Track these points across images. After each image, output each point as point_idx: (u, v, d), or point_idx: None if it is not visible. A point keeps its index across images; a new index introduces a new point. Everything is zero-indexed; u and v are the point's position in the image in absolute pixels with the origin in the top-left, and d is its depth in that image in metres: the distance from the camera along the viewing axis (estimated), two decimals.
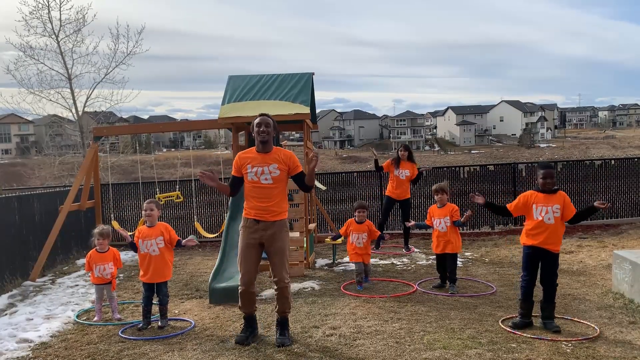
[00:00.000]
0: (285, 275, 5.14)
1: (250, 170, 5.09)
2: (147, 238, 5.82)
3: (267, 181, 5.07)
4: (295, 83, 9.06)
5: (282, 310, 5.21)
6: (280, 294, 5.17)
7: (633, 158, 12.90)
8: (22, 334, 5.72)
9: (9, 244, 8.27)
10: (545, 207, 5.36)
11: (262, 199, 5.09)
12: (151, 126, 13.02)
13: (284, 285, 5.14)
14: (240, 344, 5.14)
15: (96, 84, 17.38)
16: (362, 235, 7.29)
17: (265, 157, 5.10)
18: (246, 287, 5.17)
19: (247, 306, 5.27)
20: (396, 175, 9.59)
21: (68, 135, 21.72)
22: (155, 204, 5.93)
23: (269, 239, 5.13)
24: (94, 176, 10.03)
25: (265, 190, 5.08)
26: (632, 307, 6.01)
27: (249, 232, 5.15)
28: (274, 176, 5.07)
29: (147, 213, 5.86)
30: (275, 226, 5.13)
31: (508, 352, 4.77)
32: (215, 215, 12.12)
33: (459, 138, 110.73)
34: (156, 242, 5.80)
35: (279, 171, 5.09)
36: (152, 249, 5.80)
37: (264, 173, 5.06)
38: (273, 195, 5.10)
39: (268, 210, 5.10)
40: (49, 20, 16.64)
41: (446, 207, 7.06)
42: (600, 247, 9.43)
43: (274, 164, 5.08)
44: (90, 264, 6.32)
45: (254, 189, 5.11)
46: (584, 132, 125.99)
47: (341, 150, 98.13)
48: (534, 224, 5.43)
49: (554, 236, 5.38)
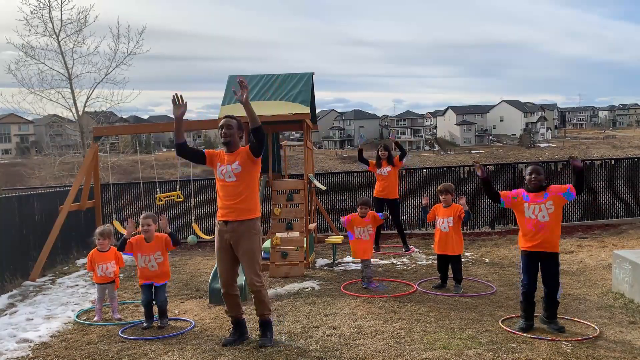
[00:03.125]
0: (255, 279, 5.09)
1: (218, 168, 5.19)
2: (145, 254, 5.88)
3: (230, 179, 5.12)
4: (295, 83, 9.06)
5: (260, 313, 5.22)
6: (255, 297, 5.18)
7: (633, 158, 12.90)
8: (22, 334, 5.72)
9: (9, 244, 8.27)
10: (537, 205, 5.26)
11: (228, 197, 5.13)
12: (151, 126, 13.04)
13: (257, 289, 5.12)
14: (227, 346, 5.13)
15: (96, 84, 17.37)
16: (366, 228, 7.29)
17: (230, 157, 5.16)
18: (225, 289, 5.21)
19: (232, 309, 5.27)
20: (379, 174, 9.75)
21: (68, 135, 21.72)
22: (152, 219, 5.92)
23: (236, 241, 5.11)
24: (94, 176, 10.02)
25: (230, 188, 5.12)
26: (632, 307, 6.01)
27: (220, 234, 5.20)
28: (236, 172, 5.10)
29: (145, 229, 5.88)
30: (242, 226, 5.09)
31: (508, 352, 4.77)
32: (215, 216, 12.06)
33: (459, 138, 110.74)
34: (154, 257, 5.89)
35: (241, 167, 5.10)
36: (151, 265, 5.91)
37: (228, 171, 5.13)
38: (238, 192, 5.10)
39: (234, 208, 5.09)
40: (49, 20, 16.64)
41: (451, 208, 7.04)
42: (600, 247, 9.43)
43: (236, 160, 5.12)
44: (92, 263, 6.34)
45: (222, 188, 5.18)
46: (584, 132, 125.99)
47: (341, 150, 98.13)
48: (527, 224, 5.30)
49: (551, 235, 5.24)
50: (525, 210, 5.31)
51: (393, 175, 9.72)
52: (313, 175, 9.99)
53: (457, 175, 12.08)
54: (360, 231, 7.32)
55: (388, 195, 9.69)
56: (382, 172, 9.73)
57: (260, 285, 5.13)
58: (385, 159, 9.74)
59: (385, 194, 9.69)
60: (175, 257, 10.04)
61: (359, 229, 7.32)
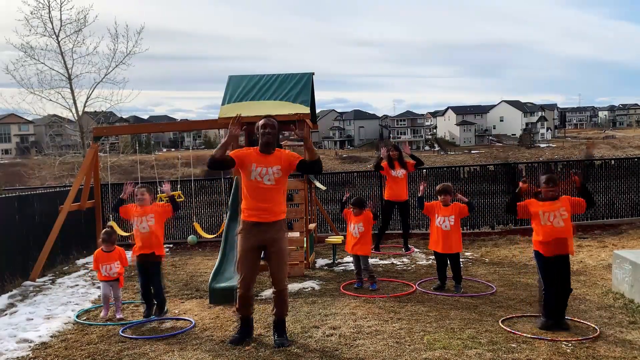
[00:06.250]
0: (285, 278, 5.15)
1: (254, 169, 5.05)
2: (138, 215, 6.12)
3: (270, 182, 5.05)
4: (295, 83, 9.05)
5: (280, 313, 5.22)
6: (279, 297, 5.17)
7: (633, 158, 12.90)
8: (22, 334, 5.72)
9: (9, 244, 8.27)
10: (551, 212, 5.40)
11: (263, 200, 5.07)
12: (151, 126, 13.05)
13: (284, 287, 5.14)
14: (234, 344, 5.14)
15: (96, 84, 17.40)
16: (358, 225, 7.30)
17: (269, 158, 5.09)
18: (245, 291, 5.18)
19: (244, 309, 5.28)
20: (395, 176, 9.62)
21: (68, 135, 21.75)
22: (146, 189, 6.23)
23: (269, 240, 5.11)
24: (94, 176, 10.02)
25: (266, 192, 5.06)
26: (632, 307, 6.01)
27: (249, 235, 5.11)
28: (276, 177, 5.06)
29: (139, 197, 6.14)
30: (276, 226, 5.12)
31: (508, 352, 4.77)
32: (215, 216, 12.12)
33: (459, 138, 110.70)
34: (146, 219, 6.10)
35: (281, 172, 5.09)
36: (142, 226, 6.10)
37: (267, 174, 5.04)
38: (274, 196, 5.09)
39: (269, 210, 5.08)
40: (49, 20, 16.66)
41: (452, 207, 7.04)
42: (600, 247, 9.43)
43: (277, 165, 5.07)
44: (97, 263, 6.41)
45: (255, 190, 5.07)
46: (584, 132, 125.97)
47: (341, 150, 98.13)
48: (543, 231, 5.43)
49: (568, 238, 5.40)
50: (541, 217, 5.45)
51: (405, 178, 9.69)
52: (313, 175, 9.99)
53: (457, 175, 12.08)
54: (352, 227, 7.38)
55: (400, 197, 9.65)
56: (398, 174, 9.60)
57: (286, 285, 5.19)
58: (397, 159, 9.66)
59: (398, 196, 9.64)
60: (175, 257, 10.05)
61: (352, 225, 7.38)
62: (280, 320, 5.22)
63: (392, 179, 9.65)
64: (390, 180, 9.69)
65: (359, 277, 7.32)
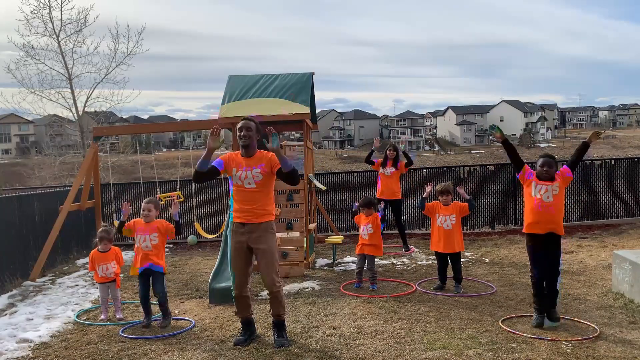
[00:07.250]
0: (275, 279, 5.09)
1: (235, 174, 5.09)
2: (142, 233, 5.91)
3: (250, 185, 5.06)
4: (295, 83, 9.05)
5: (276, 314, 5.21)
6: (273, 297, 5.16)
7: (633, 158, 12.90)
8: (22, 334, 5.72)
9: (9, 244, 8.27)
10: (544, 185, 5.44)
11: (246, 202, 5.09)
12: (151, 126, 13.04)
13: (276, 289, 5.11)
14: (239, 346, 5.14)
15: (96, 84, 17.39)
16: (367, 227, 7.31)
17: (249, 161, 5.08)
18: (239, 291, 5.19)
19: (242, 310, 5.28)
20: (382, 173, 9.73)
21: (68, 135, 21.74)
22: (153, 204, 5.99)
23: (255, 241, 5.10)
24: (94, 176, 10.02)
25: (249, 194, 5.08)
26: (632, 307, 6.01)
27: (236, 235, 5.16)
28: (257, 180, 5.05)
29: (145, 213, 5.92)
30: (260, 228, 5.10)
31: (508, 352, 4.77)
32: (215, 216, 12.12)
33: (459, 138, 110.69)
34: (150, 237, 5.88)
35: (262, 175, 5.05)
36: (145, 245, 5.89)
37: (247, 177, 5.05)
38: (256, 198, 5.08)
39: (252, 212, 5.08)
40: (49, 20, 16.66)
41: (452, 206, 7.05)
42: (600, 247, 9.43)
43: (257, 168, 5.06)
44: (93, 263, 6.35)
45: (239, 193, 5.12)
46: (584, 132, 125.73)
47: (341, 150, 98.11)
48: (532, 204, 5.45)
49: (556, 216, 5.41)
50: (533, 188, 5.49)
51: (395, 176, 9.74)
52: (313, 175, 9.99)
53: (457, 175, 12.08)
54: (361, 229, 7.38)
55: (391, 195, 9.69)
56: (386, 172, 9.72)
57: (279, 286, 5.14)
58: (392, 159, 9.73)
59: (388, 194, 9.68)
60: (175, 257, 10.05)
61: (361, 227, 7.39)
62: (279, 320, 5.22)
63: (381, 176, 9.80)
64: (380, 177, 9.85)
65: (359, 277, 7.31)
